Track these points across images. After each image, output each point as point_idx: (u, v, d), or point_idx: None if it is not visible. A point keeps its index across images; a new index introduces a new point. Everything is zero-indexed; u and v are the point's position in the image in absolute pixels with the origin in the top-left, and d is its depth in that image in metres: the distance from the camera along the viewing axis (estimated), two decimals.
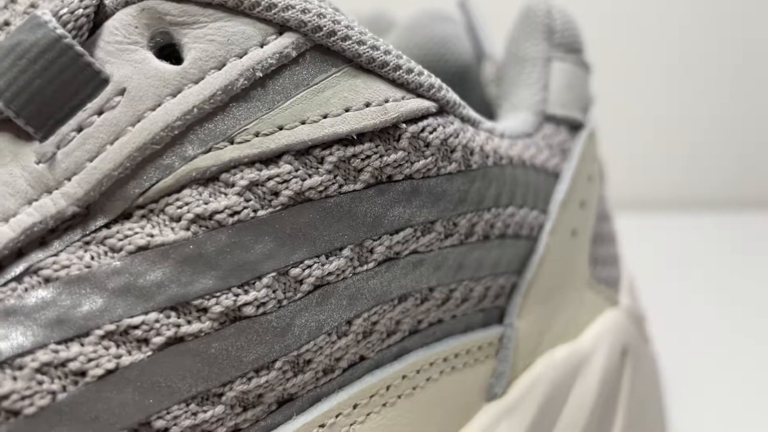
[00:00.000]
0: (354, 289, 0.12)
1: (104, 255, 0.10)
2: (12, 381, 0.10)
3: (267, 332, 0.11)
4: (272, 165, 0.11)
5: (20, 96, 0.10)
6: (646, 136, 0.47)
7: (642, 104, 0.47)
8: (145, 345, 0.10)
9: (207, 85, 0.11)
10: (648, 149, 0.47)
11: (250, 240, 0.11)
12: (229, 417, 0.11)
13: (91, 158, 0.10)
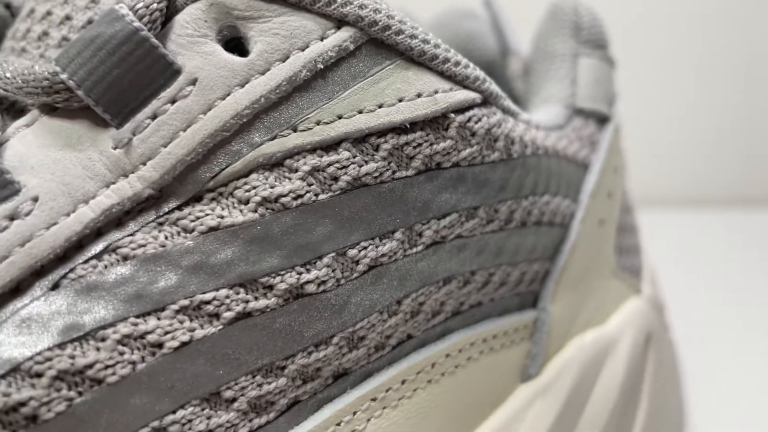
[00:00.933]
0: (404, 270, 0.13)
1: (177, 235, 0.11)
2: (96, 351, 0.10)
3: (326, 309, 0.12)
4: (332, 152, 0.12)
5: (99, 85, 0.11)
6: (659, 133, 0.48)
7: (654, 101, 0.48)
8: (216, 319, 0.11)
9: (273, 76, 0.11)
10: (661, 146, 0.48)
11: (311, 222, 0.12)
12: (290, 389, 0.12)
13: (165, 144, 0.11)
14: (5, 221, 0.10)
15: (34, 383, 0.10)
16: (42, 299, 0.10)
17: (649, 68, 0.47)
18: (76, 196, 0.11)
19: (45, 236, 0.10)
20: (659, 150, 0.48)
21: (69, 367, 0.10)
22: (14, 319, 0.10)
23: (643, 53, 0.47)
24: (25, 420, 0.10)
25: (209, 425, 0.11)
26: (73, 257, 0.11)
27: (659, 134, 0.48)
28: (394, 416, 0.13)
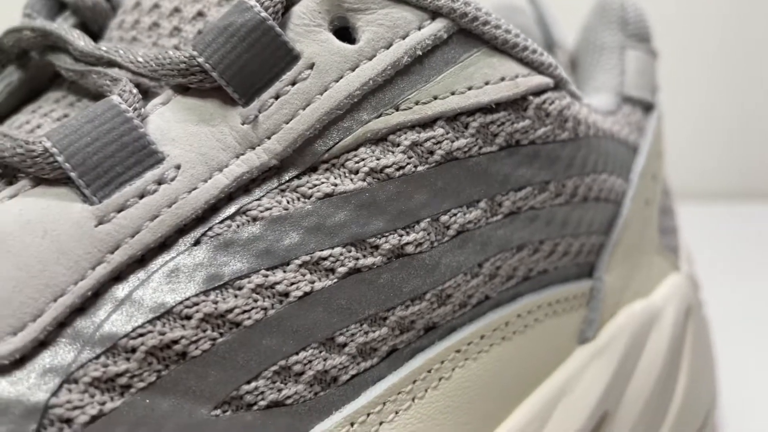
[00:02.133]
0: (486, 236, 0.14)
1: (297, 200, 0.13)
2: (234, 298, 0.12)
3: (421, 268, 0.13)
4: (428, 128, 0.13)
5: (230, 68, 0.12)
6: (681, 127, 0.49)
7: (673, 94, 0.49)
8: (332, 273, 0.12)
9: (379, 62, 0.13)
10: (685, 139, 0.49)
11: (411, 191, 0.13)
12: (390, 338, 0.13)
13: (287, 120, 0.13)
14: (154, 185, 0.12)
15: (184, 324, 0.11)
16: (186, 253, 0.12)
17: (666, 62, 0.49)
18: (211, 165, 0.12)
19: (188, 199, 0.12)
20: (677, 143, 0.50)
21: (213, 311, 0.12)
22: (164, 270, 0.12)
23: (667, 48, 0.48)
24: (177, 356, 0.11)
25: (325, 366, 0.12)
26: (209, 218, 0.12)
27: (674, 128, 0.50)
28: (474, 368, 0.15)
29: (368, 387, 0.13)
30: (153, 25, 0.15)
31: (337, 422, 0.12)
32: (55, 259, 0.11)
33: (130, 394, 0.11)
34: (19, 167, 0.12)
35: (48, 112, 0.15)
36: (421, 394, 0.14)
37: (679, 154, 0.50)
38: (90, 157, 0.12)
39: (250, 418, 0.12)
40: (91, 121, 0.12)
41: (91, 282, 0.11)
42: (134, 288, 0.11)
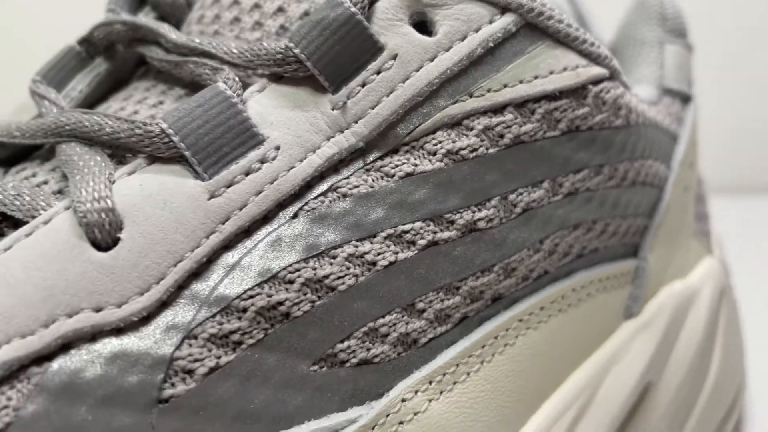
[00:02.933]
0: (547, 215, 0.15)
1: (381, 179, 0.14)
2: (330, 265, 0.13)
3: (491, 242, 0.15)
4: (499, 114, 0.14)
5: (323, 58, 0.14)
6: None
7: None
8: (413, 245, 0.14)
9: (455, 53, 0.14)
10: None
11: (483, 171, 0.14)
12: (462, 306, 0.14)
13: (373, 106, 0.14)
14: (258, 164, 0.13)
15: (287, 288, 0.13)
16: (286, 225, 0.13)
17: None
18: (306, 146, 0.13)
19: (287, 176, 0.13)
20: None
21: (312, 277, 0.13)
22: (268, 239, 0.13)
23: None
24: (281, 316, 0.13)
25: (407, 329, 0.14)
26: (305, 194, 0.13)
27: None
28: (534, 336, 0.16)
29: (443, 350, 0.14)
30: (234, 20, 0.16)
31: (417, 380, 0.14)
32: (174, 229, 0.12)
33: (241, 349, 0.12)
34: (134, 147, 0.13)
35: (141, 100, 0.16)
36: (489, 358, 0.15)
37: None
38: (201, 137, 0.13)
39: (344, 373, 0.13)
40: (201, 106, 0.13)
41: (206, 249, 0.12)
42: (243, 255, 0.13)
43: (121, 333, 0.12)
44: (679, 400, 0.20)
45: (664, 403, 0.20)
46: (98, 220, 0.12)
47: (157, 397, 0.12)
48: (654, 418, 0.19)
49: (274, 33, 0.16)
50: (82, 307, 0.12)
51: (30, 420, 0.11)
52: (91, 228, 0.12)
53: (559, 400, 0.16)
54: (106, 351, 0.12)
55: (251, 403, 0.12)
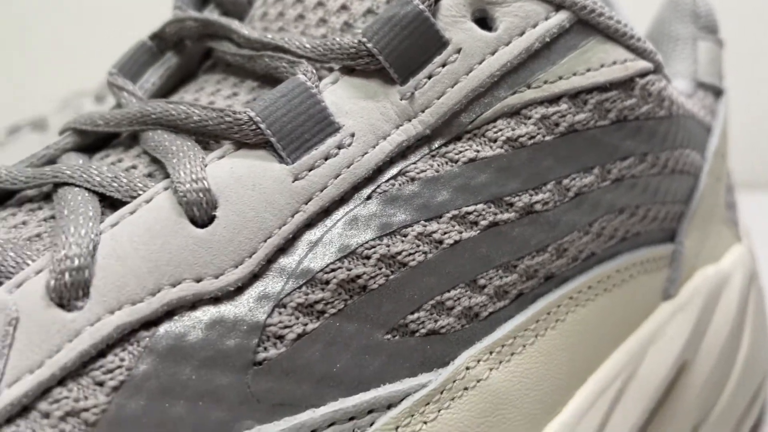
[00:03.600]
0: (597, 199, 0.16)
1: (446, 164, 0.15)
2: (401, 243, 0.14)
3: (546, 224, 0.16)
4: (555, 104, 0.15)
5: (393, 52, 0.15)
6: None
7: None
8: (475, 226, 0.15)
9: (514, 47, 0.15)
10: None
11: (540, 157, 0.15)
12: (518, 283, 0.16)
13: (438, 97, 0.15)
14: (335, 150, 0.14)
15: (365, 263, 0.14)
16: (362, 206, 0.14)
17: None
18: (378, 134, 0.15)
19: (361, 161, 0.14)
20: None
21: (386, 253, 0.14)
22: (345, 219, 0.14)
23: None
24: (359, 288, 0.14)
25: (470, 303, 0.15)
26: (377, 178, 0.14)
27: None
28: (583, 313, 0.17)
29: (502, 323, 0.15)
30: (298, 17, 0.18)
31: (479, 350, 0.15)
32: (263, 208, 0.13)
33: (324, 318, 0.13)
34: (221, 134, 0.14)
35: (214, 92, 0.17)
36: (542, 333, 0.16)
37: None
38: (285, 125, 0.14)
39: (414, 342, 0.14)
40: (284, 96, 0.14)
41: (291, 227, 0.14)
42: (324, 233, 0.14)
43: (219, 302, 0.13)
44: (713, 379, 0.21)
45: (699, 381, 0.21)
46: (196, 200, 0.13)
47: (252, 360, 0.13)
48: (689, 396, 0.20)
49: (338, 29, 0.17)
50: (184, 277, 0.13)
51: (141, 379, 0.12)
52: (190, 206, 0.13)
53: (604, 375, 0.17)
54: (206, 317, 0.13)
55: (334, 366, 0.13)
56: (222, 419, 0.12)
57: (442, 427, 0.14)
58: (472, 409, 0.14)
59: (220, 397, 0.12)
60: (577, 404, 0.16)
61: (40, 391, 0.11)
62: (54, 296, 0.12)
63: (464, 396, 0.14)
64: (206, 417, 0.12)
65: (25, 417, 0.11)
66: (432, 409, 0.14)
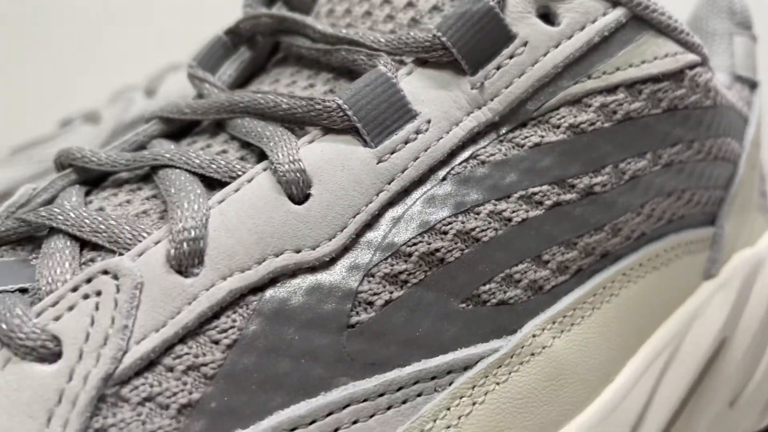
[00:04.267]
0: (648, 183, 0.18)
1: (513, 148, 0.16)
2: (474, 220, 0.15)
3: (603, 205, 0.17)
4: (613, 93, 0.17)
5: (465, 46, 0.16)
6: None
7: None
8: (540, 206, 0.16)
9: (576, 41, 0.16)
10: None
11: (599, 142, 0.17)
12: (577, 259, 0.17)
13: (506, 86, 0.16)
14: (414, 135, 0.15)
15: (442, 237, 0.15)
16: (438, 186, 0.15)
17: None
18: (451, 120, 0.16)
19: (437, 145, 0.16)
20: None
21: (461, 229, 0.15)
22: (424, 198, 0.15)
23: None
24: (437, 261, 0.15)
25: (535, 277, 0.16)
26: (450, 161, 0.16)
27: None
28: (634, 289, 0.18)
29: (563, 296, 0.17)
30: (365, 14, 0.19)
31: (544, 320, 0.16)
32: (352, 187, 0.15)
33: (407, 287, 0.15)
34: (310, 121, 0.16)
35: (291, 83, 0.19)
36: (598, 306, 0.17)
37: None
38: (369, 112, 0.15)
39: (485, 311, 0.15)
40: (368, 86, 0.15)
41: (377, 205, 0.15)
42: (405, 210, 0.15)
43: (315, 270, 0.14)
44: (749, 356, 0.22)
45: (737, 357, 0.22)
46: (294, 179, 0.14)
47: (347, 323, 0.14)
48: (727, 372, 0.22)
49: (405, 25, 0.18)
50: (286, 248, 0.14)
51: (251, 338, 0.13)
52: (288, 185, 0.14)
53: (652, 348, 0.19)
54: (305, 284, 0.14)
55: (416, 331, 0.15)
56: (321, 375, 0.14)
57: (512, 388, 0.15)
58: (539, 374, 0.16)
59: (319, 355, 0.14)
60: (629, 374, 0.18)
61: (164, 348, 0.13)
62: (173, 264, 0.13)
63: (531, 361, 0.16)
64: (308, 373, 0.13)
65: (152, 370, 0.13)
66: (503, 372, 0.15)
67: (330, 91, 0.17)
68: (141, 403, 0.12)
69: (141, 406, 0.12)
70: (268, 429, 0.13)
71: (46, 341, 0.12)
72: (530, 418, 0.16)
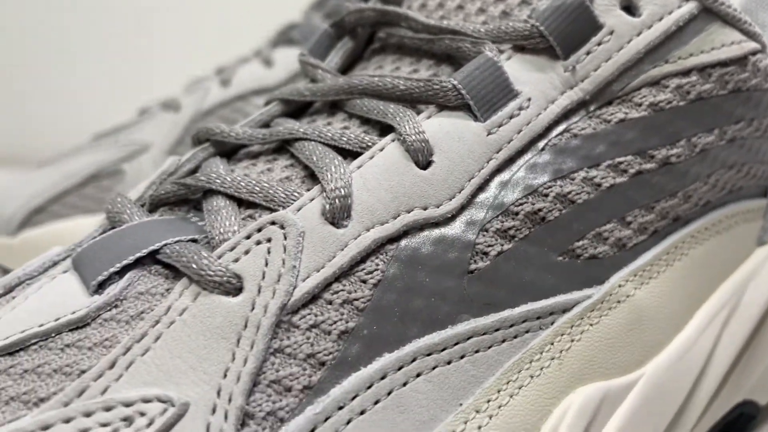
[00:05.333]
0: (714, 156, 0.20)
1: (600, 124, 0.19)
2: (570, 185, 0.18)
3: (678, 174, 0.19)
4: (686, 76, 0.19)
5: (561, 34, 0.18)
6: None
7: None
8: (625, 173, 0.18)
9: (655, 30, 0.19)
10: None
11: (675, 118, 0.19)
12: (654, 221, 0.19)
13: (595, 69, 0.19)
14: (517, 111, 0.18)
15: (544, 199, 0.18)
16: (538, 155, 0.18)
17: None
18: (547, 99, 0.18)
19: (537, 120, 0.18)
20: None
21: (560, 192, 0.18)
22: (527, 165, 0.18)
23: None
24: (540, 219, 0.18)
25: (620, 236, 0.19)
26: (547, 134, 0.18)
27: None
28: (701, 250, 0.20)
29: (642, 254, 0.19)
30: (458, 7, 0.21)
31: (627, 273, 0.19)
32: (467, 155, 0.17)
33: (514, 241, 0.17)
34: (426, 99, 0.18)
35: (394, 69, 0.21)
36: (671, 263, 0.20)
37: None
38: (479, 91, 0.18)
39: (579, 264, 0.18)
40: (477, 69, 0.18)
41: (488, 171, 0.17)
42: (511, 176, 0.18)
43: (439, 225, 0.17)
44: None
45: None
46: (420, 147, 0.17)
47: (467, 269, 0.16)
48: None
49: (497, 17, 0.20)
50: (415, 206, 0.17)
51: (391, 279, 0.16)
52: (415, 153, 0.17)
53: (716, 302, 0.21)
54: (432, 236, 0.17)
55: (522, 278, 0.17)
56: (448, 312, 0.16)
57: (603, 329, 0.18)
58: (624, 318, 0.18)
59: (446, 295, 0.16)
60: (696, 324, 0.20)
61: (324, 285, 0.15)
62: (327, 217, 0.16)
63: (617, 308, 0.18)
64: (437, 310, 0.16)
65: (316, 303, 0.15)
66: (595, 315, 0.18)
67: (434, 75, 0.20)
68: (308, 329, 0.15)
69: (309, 332, 0.15)
70: (410, 353, 0.15)
71: (231, 278, 0.15)
72: (617, 356, 0.18)
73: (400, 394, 0.15)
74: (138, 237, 0.16)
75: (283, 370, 0.15)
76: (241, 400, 0.14)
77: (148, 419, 0.13)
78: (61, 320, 0.15)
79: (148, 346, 0.14)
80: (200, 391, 0.14)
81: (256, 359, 0.14)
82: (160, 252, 0.16)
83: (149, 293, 0.15)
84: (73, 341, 0.15)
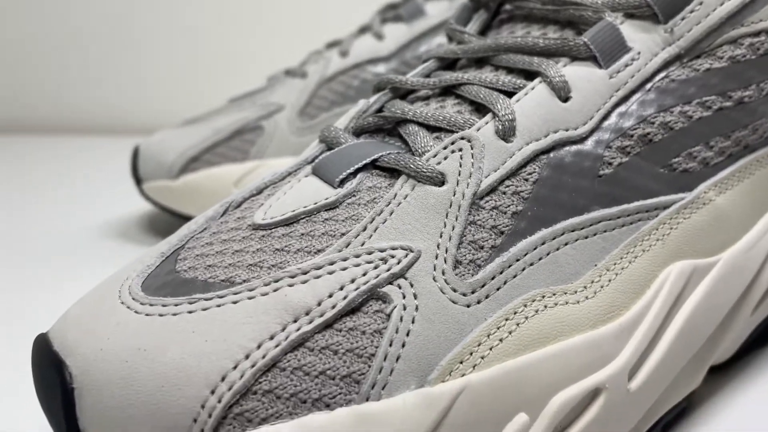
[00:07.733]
0: (756, 106, 0.26)
1: (691, 72, 0.25)
2: (670, 116, 0.24)
3: (750, 110, 0.25)
4: (758, 36, 0.25)
5: (662, 5, 0.24)
6: None
7: None
8: (710, 109, 0.25)
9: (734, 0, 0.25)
10: None
11: (748, 68, 0.25)
12: (730, 147, 0.25)
13: (689, 30, 0.25)
14: (630, 61, 0.24)
15: (651, 125, 0.24)
16: (645, 94, 0.24)
17: None
18: (652, 53, 0.24)
19: (644, 69, 0.24)
20: None
21: (662, 121, 0.24)
22: (638, 101, 0.24)
23: None
24: (648, 141, 0.24)
25: (704, 156, 0.25)
26: (652, 79, 0.24)
27: None
28: (765, 171, 0.26)
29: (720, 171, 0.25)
30: None
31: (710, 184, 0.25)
32: (595, 92, 0.24)
33: (630, 156, 0.23)
34: (561, 53, 0.24)
35: (525, 34, 0.27)
36: (742, 179, 0.26)
37: None
38: (604, 46, 0.24)
39: (675, 175, 0.24)
40: (601, 30, 0.24)
41: (610, 104, 0.24)
42: (628, 108, 0.24)
43: (577, 143, 0.23)
44: None
45: None
46: (562, 86, 0.23)
47: (597, 174, 0.23)
48: None
49: None
50: (559, 128, 0.23)
51: (545, 179, 0.22)
52: (558, 90, 0.23)
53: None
54: (572, 150, 0.23)
55: (635, 183, 0.23)
56: (584, 203, 0.23)
57: (692, 223, 0.24)
58: (707, 216, 0.24)
59: (582, 192, 0.23)
60: (762, 225, 0.26)
61: (499, 181, 0.22)
62: (499, 134, 0.22)
63: (703, 208, 0.24)
64: (576, 201, 0.22)
65: (495, 193, 0.22)
66: (687, 212, 0.24)
67: (561, 36, 0.26)
68: (491, 210, 0.22)
69: (491, 211, 0.22)
70: (560, 229, 0.22)
71: (438, 174, 0.22)
72: (703, 243, 0.24)
73: (555, 254, 0.22)
74: (360, 151, 0.23)
75: (477, 234, 0.21)
76: (453, 250, 0.20)
77: (397, 259, 0.20)
78: (319, 203, 0.22)
79: (386, 218, 0.21)
80: (427, 244, 0.21)
81: (461, 226, 0.21)
82: (380, 160, 0.23)
83: (376, 187, 0.22)
84: (330, 216, 0.22)
